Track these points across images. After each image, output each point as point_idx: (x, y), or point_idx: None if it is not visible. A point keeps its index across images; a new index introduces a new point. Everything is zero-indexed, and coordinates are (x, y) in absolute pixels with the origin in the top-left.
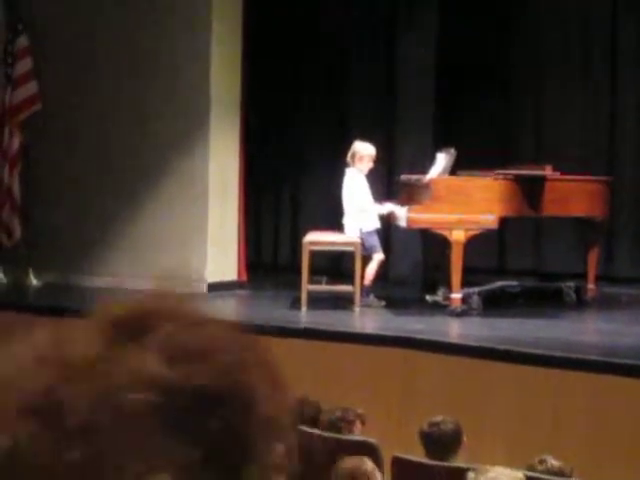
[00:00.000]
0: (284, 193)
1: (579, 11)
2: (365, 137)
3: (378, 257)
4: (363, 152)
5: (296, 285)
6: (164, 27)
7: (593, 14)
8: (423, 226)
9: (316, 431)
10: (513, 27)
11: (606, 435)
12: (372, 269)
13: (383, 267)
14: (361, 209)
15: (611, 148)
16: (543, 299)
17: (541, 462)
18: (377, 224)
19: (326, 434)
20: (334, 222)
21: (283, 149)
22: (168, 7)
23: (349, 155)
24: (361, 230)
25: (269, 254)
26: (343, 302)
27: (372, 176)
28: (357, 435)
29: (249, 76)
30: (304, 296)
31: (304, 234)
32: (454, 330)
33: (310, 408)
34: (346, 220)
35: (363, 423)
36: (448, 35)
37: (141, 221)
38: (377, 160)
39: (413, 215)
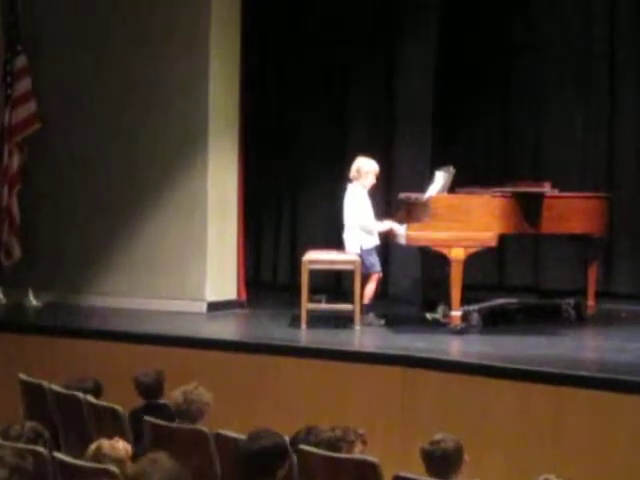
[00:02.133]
0: (283, 211)
1: (579, 28)
2: (364, 154)
3: (377, 275)
4: (368, 168)
5: (296, 304)
6: (163, 45)
7: (593, 32)
8: (422, 244)
9: (316, 450)
10: (513, 44)
11: (606, 452)
12: (371, 288)
13: (383, 285)
14: (362, 227)
15: (610, 165)
16: (543, 316)
17: None
18: (377, 241)
19: (326, 453)
20: (333, 240)
21: (282, 167)
22: (167, 26)
23: (352, 170)
24: (361, 247)
25: (268, 273)
26: (343, 321)
27: (371, 194)
28: (357, 454)
29: (248, 94)
30: (304, 315)
31: (303, 253)
32: (454, 348)
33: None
34: (346, 236)
35: (364, 443)
36: (447, 52)
37: (140, 240)
38: (377, 178)
39: (412, 233)
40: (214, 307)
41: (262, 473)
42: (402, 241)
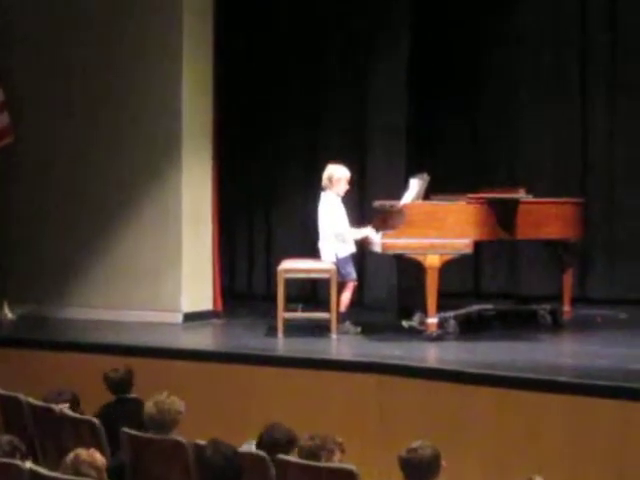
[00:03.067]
0: (258, 221)
1: (551, 34)
2: (338, 162)
3: (352, 283)
4: (339, 174)
5: (272, 313)
6: (135, 56)
7: (565, 37)
8: (397, 251)
9: (293, 459)
10: (485, 51)
11: (583, 457)
12: (347, 296)
13: (358, 293)
14: (338, 234)
15: (583, 170)
16: (519, 322)
17: None
18: (353, 249)
19: (304, 462)
20: (308, 249)
21: (256, 178)
22: (140, 35)
23: (324, 179)
24: (337, 256)
25: (244, 283)
26: (319, 329)
27: (345, 202)
28: (336, 463)
29: (221, 106)
30: (280, 324)
31: (279, 262)
32: (431, 355)
33: (282, 434)
34: (322, 244)
35: (343, 452)
36: (420, 60)
37: (116, 252)
38: (351, 184)
39: (387, 240)
40: (190, 318)
41: None
42: (377, 249)
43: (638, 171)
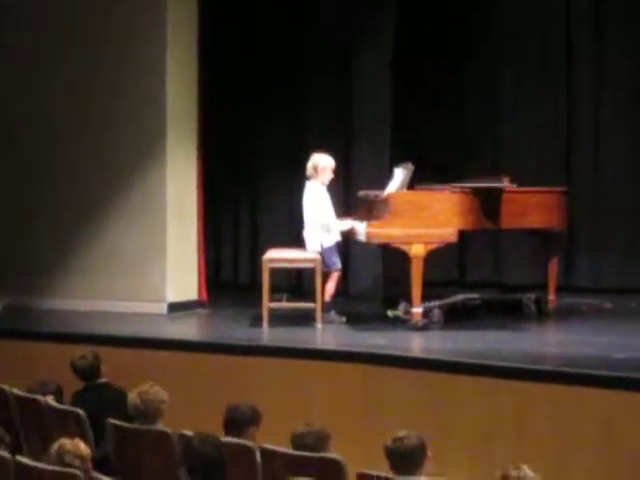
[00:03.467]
0: (242, 211)
1: (535, 23)
2: (322, 151)
3: (337, 273)
4: (324, 163)
5: (257, 303)
6: (121, 50)
7: (549, 26)
8: (382, 241)
9: (280, 449)
10: (470, 39)
11: (569, 445)
12: (331, 285)
13: (344, 283)
14: (323, 224)
15: (568, 159)
16: (504, 311)
17: (516, 468)
18: (338, 238)
19: (290, 452)
20: (293, 238)
21: (241, 167)
22: (125, 31)
23: (309, 167)
24: (322, 245)
25: (229, 273)
26: (304, 319)
27: (330, 191)
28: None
29: (206, 96)
30: (265, 314)
31: (263, 252)
32: (416, 344)
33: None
34: (306, 233)
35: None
36: (404, 47)
37: (100, 242)
38: (335, 173)
39: (372, 230)
40: (175, 308)
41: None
42: (362, 238)
43: (624, 160)
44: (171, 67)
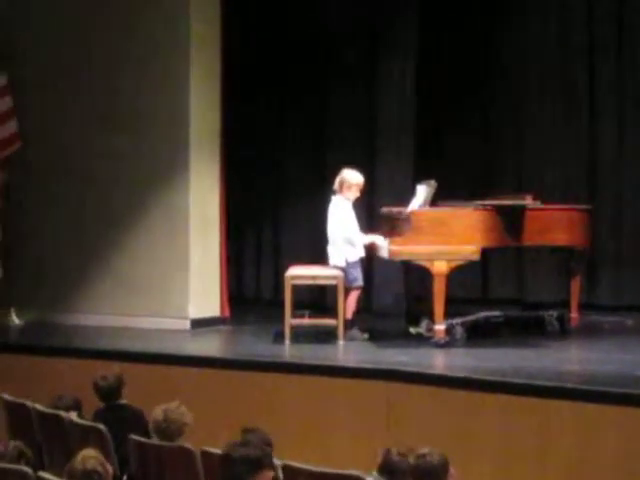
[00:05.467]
0: (265, 227)
1: (560, 41)
2: (351, 168)
3: (359, 289)
4: (352, 180)
5: (279, 319)
6: (144, 64)
7: (573, 44)
8: (405, 258)
9: (302, 466)
10: (494, 57)
11: (592, 464)
12: (353, 301)
13: (366, 299)
14: (348, 240)
15: (591, 177)
16: (526, 328)
17: None
18: (362, 253)
19: (312, 468)
20: (317, 254)
21: (264, 183)
22: (148, 45)
23: (337, 183)
24: (346, 260)
25: (252, 289)
26: (327, 336)
27: (354, 207)
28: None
29: (228, 111)
30: (287, 330)
31: (286, 268)
32: (438, 361)
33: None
34: (331, 249)
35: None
36: (429, 65)
37: (123, 258)
38: (362, 192)
39: (395, 247)
40: (197, 324)
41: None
42: (385, 255)
43: None
44: (195, 82)
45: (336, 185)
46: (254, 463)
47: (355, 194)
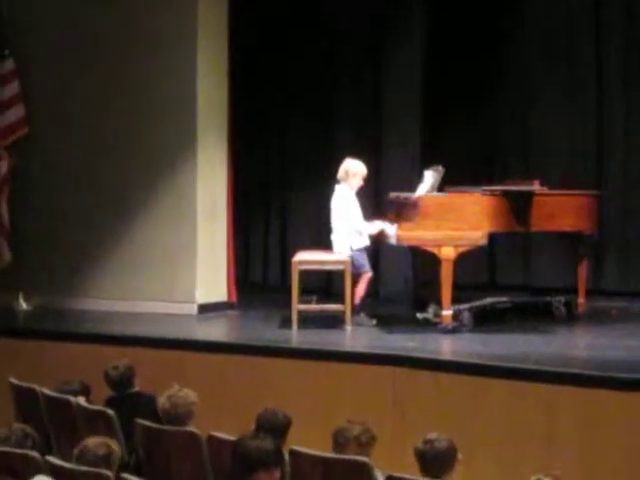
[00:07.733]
0: (272, 213)
1: (565, 28)
2: (352, 155)
3: (367, 275)
4: (355, 170)
5: (286, 305)
6: (150, 50)
7: (579, 31)
8: (412, 243)
9: (309, 451)
10: (500, 44)
11: (599, 449)
12: (361, 288)
13: (374, 285)
14: (352, 228)
15: (599, 162)
16: (534, 314)
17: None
18: (367, 242)
19: (319, 453)
20: (322, 241)
21: (270, 169)
22: (155, 31)
23: (341, 171)
24: (351, 248)
25: (259, 274)
26: (334, 321)
27: (360, 193)
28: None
29: (236, 96)
30: (295, 316)
31: (293, 253)
32: (445, 347)
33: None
34: (335, 237)
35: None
36: (435, 52)
37: (130, 243)
38: (366, 181)
39: (402, 233)
40: (205, 309)
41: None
42: (392, 241)
43: None
44: (202, 68)
45: (341, 173)
46: (264, 459)
47: (359, 183)
